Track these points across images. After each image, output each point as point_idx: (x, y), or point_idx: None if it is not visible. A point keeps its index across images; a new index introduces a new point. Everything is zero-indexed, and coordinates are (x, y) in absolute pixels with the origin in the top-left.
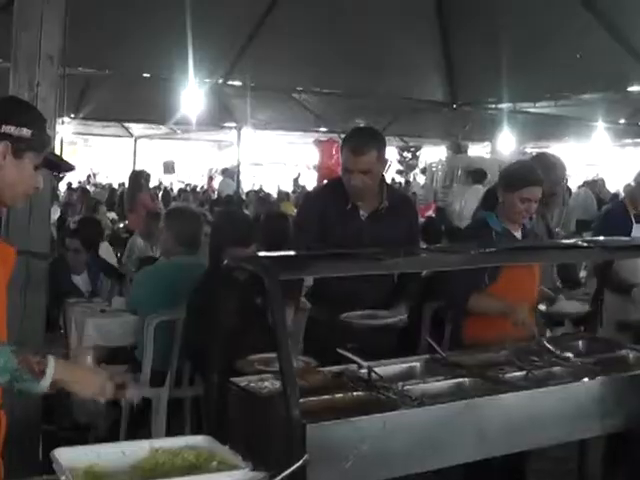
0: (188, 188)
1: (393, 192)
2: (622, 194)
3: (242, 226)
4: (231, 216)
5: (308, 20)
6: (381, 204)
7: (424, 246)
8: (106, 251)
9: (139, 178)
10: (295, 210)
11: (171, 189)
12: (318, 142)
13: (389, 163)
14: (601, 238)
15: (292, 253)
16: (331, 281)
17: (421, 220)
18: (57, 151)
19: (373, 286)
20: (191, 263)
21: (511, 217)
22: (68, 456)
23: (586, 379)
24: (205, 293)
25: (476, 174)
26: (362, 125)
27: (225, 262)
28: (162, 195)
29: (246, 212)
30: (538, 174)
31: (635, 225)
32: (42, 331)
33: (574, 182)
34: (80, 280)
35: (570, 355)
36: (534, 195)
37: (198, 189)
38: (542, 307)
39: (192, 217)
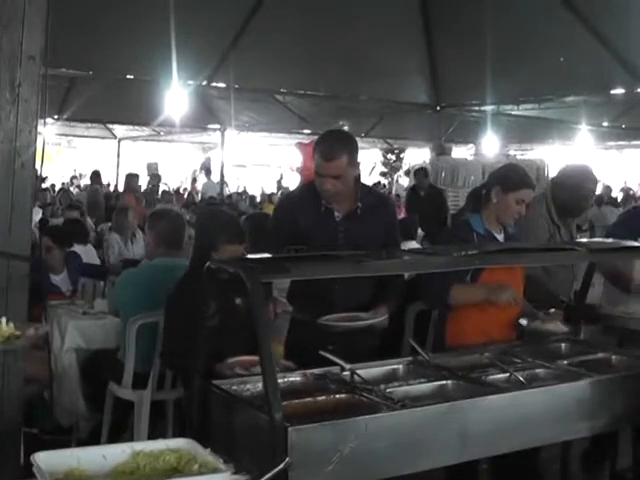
0: (172, 190)
1: (369, 193)
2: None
3: (231, 224)
4: (218, 214)
5: (292, 23)
6: (356, 206)
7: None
8: (89, 253)
9: (128, 181)
10: None
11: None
12: (300, 144)
13: (373, 165)
14: (584, 240)
15: (274, 255)
16: (310, 282)
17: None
18: (39, 152)
19: (353, 287)
20: (174, 265)
21: (503, 218)
22: (48, 460)
23: (569, 381)
24: (184, 294)
25: None
26: (334, 128)
27: (207, 264)
28: (145, 197)
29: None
30: (531, 177)
31: None
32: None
33: None
34: (59, 280)
35: (553, 357)
36: (528, 197)
37: (181, 190)
38: (523, 322)
39: (175, 219)
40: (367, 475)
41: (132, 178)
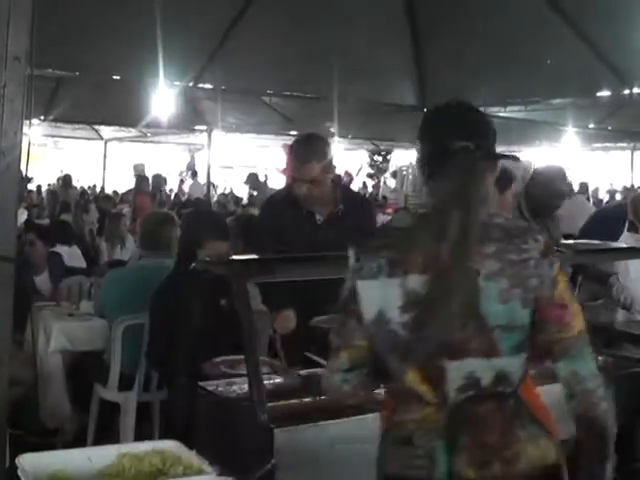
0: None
1: (349, 195)
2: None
3: (216, 221)
4: (202, 213)
5: (279, 24)
6: (336, 208)
7: None
8: (75, 254)
9: (139, 183)
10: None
11: None
12: (285, 146)
13: (360, 166)
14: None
15: (261, 257)
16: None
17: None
18: (25, 153)
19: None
20: (160, 266)
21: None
22: (33, 462)
23: (555, 382)
24: (169, 293)
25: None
26: (312, 132)
27: (193, 264)
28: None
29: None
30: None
31: (625, 233)
32: (9, 335)
33: None
34: (40, 281)
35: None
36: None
37: (168, 192)
38: None
39: (163, 220)
40: (352, 477)
41: (142, 180)
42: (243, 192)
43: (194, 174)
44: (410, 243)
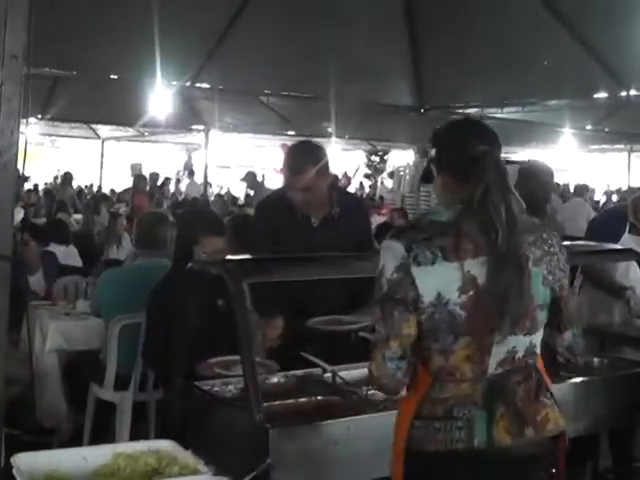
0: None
1: (344, 197)
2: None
3: (211, 217)
4: (198, 210)
5: (277, 24)
6: (332, 211)
7: None
8: (71, 253)
9: (137, 182)
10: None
11: None
12: (284, 145)
13: (357, 167)
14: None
15: (257, 257)
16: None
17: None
18: (22, 152)
19: (327, 292)
20: (156, 265)
21: None
22: (29, 462)
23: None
24: (166, 292)
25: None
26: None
27: (190, 264)
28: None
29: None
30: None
31: (626, 235)
32: (5, 334)
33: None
34: (34, 280)
35: None
36: None
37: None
38: None
39: (159, 219)
40: (348, 477)
41: (140, 179)
42: (240, 192)
43: (191, 173)
44: (459, 232)
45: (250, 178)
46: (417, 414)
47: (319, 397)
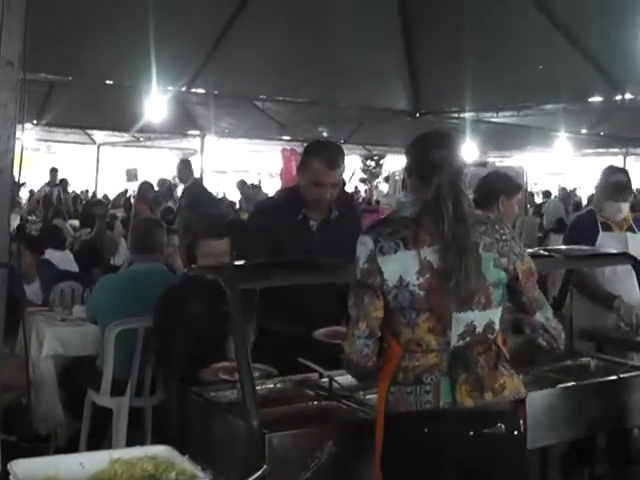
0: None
1: (343, 200)
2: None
3: (211, 219)
4: (197, 214)
5: (272, 30)
6: (332, 213)
7: None
8: (67, 259)
9: (144, 190)
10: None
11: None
12: (286, 150)
13: (353, 171)
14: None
15: (253, 262)
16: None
17: None
18: (17, 158)
19: (325, 300)
20: (152, 271)
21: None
22: (25, 468)
23: (547, 387)
24: (171, 298)
25: None
26: (325, 136)
27: (186, 270)
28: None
29: None
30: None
31: (601, 233)
32: (2, 340)
33: (536, 191)
34: (31, 290)
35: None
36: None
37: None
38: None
39: (154, 225)
40: None
41: (146, 186)
42: (236, 197)
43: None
44: (418, 225)
45: (239, 186)
46: (392, 381)
47: (316, 402)
